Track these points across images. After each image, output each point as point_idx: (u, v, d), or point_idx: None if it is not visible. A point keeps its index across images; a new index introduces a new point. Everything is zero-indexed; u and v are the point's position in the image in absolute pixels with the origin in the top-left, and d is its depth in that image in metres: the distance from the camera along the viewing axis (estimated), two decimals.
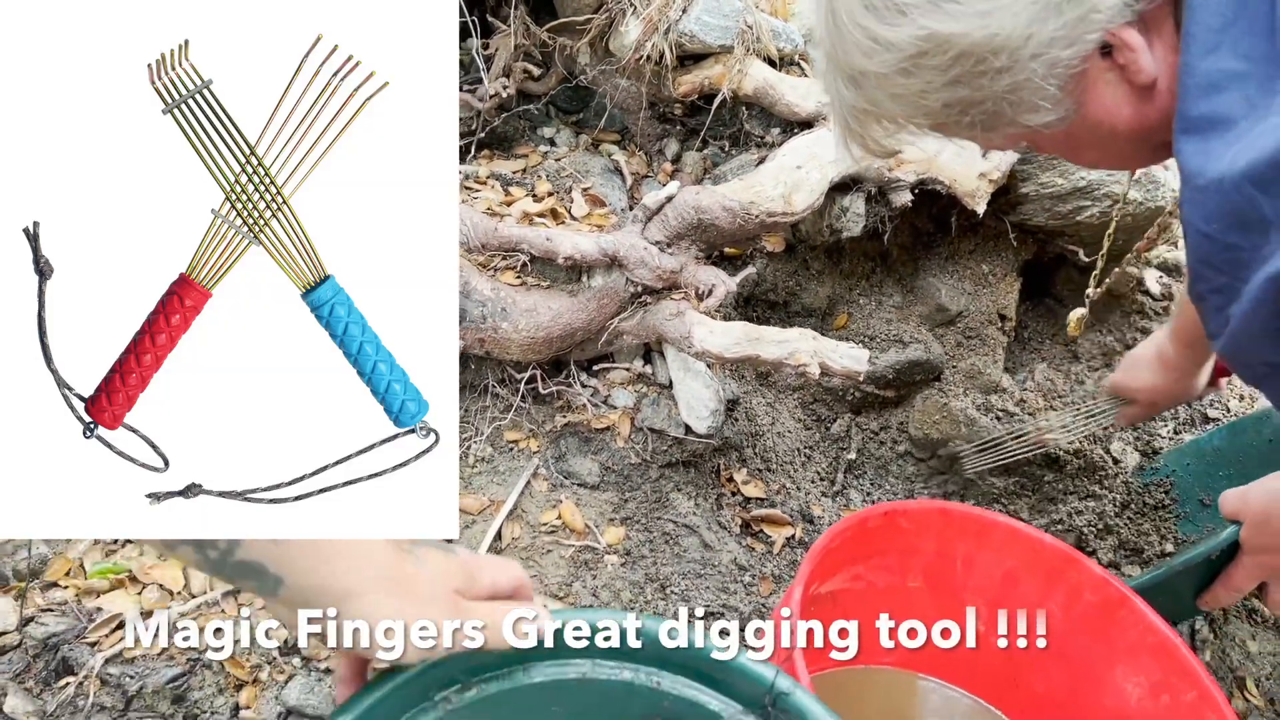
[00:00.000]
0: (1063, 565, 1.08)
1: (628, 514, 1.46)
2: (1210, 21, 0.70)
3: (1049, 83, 0.76)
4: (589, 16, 1.57)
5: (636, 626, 0.84)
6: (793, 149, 1.50)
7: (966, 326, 1.81)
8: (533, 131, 1.71)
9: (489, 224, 1.41)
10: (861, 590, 1.14)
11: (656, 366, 1.53)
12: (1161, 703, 1.02)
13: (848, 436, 1.79)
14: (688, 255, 1.43)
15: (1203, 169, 0.71)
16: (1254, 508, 1.02)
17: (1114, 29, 0.74)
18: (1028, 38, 0.74)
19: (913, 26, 0.76)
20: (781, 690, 0.83)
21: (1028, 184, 1.63)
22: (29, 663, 1.15)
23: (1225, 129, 0.70)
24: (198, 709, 1.18)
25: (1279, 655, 1.59)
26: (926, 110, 0.82)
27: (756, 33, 1.57)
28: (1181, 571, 1.08)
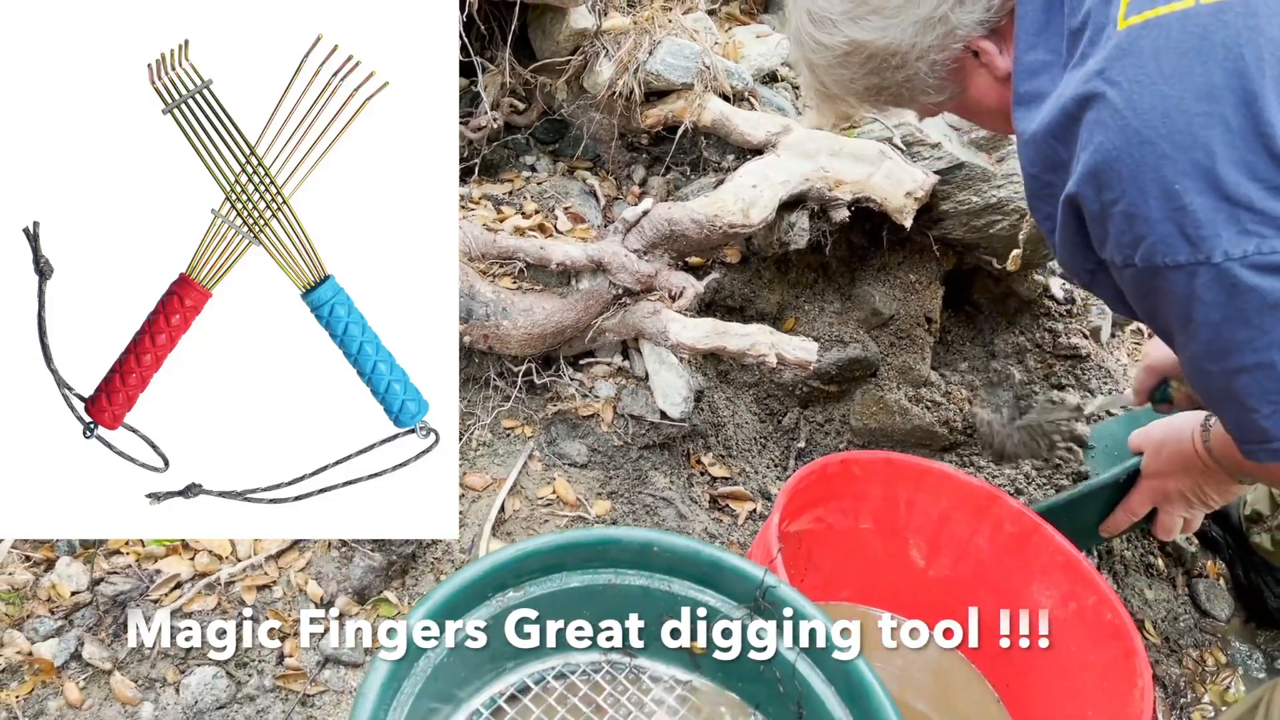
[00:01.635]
0: (987, 502, 1.30)
1: (613, 489, 1.66)
2: (1029, 28, 0.97)
3: (931, 76, 1.05)
4: (567, 58, 1.79)
5: (654, 539, 1.04)
6: (748, 171, 1.74)
7: (898, 329, 2.06)
8: (516, 159, 1.92)
9: (488, 236, 1.61)
10: (822, 531, 1.35)
11: (634, 361, 1.74)
12: (1069, 609, 1.25)
13: (797, 428, 2.01)
14: (661, 262, 1.65)
15: (1025, 129, 0.97)
16: (1154, 438, 1.27)
17: (972, 40, 1.02)
18: (913, 45, 1.03)
19: (840, 35, 1.05)
20: (770, 585, 1.03)
21: (947, 202, 1.88)
22: (100, 617, 1.30)
23: (1040, 100, 0.95)
24: (246, 657, 1.33)
25: (1171, 602, 1.84)
26: (855, 92, 1.11)
27: (713, 72, 1.80)
28: (1087, 495, 1.32)
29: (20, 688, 1.22)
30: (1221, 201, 0.84)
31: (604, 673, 1.09)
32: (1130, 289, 0.96)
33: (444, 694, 1.00)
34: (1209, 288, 0.86)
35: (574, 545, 1.04)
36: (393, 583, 1.45)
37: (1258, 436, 0.93)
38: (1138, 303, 0.98)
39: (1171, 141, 0.84)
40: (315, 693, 1.32)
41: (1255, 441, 0.94)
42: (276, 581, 1.38)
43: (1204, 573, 1.89)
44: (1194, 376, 0.98)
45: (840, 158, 1.81)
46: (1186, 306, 0.89)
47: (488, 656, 1.03)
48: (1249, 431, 0.94)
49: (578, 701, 1.06)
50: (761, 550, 1.17)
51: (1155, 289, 0.91)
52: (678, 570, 1.06)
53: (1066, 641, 1.24)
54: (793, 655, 1.02)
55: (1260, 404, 0.90)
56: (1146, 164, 0.85)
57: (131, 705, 1.25)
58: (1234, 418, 0.96)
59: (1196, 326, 0.90)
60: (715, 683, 1.09)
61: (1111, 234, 0.91)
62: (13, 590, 1.27)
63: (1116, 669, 1.15)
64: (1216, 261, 0.85)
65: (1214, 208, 0.84)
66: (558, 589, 1.04)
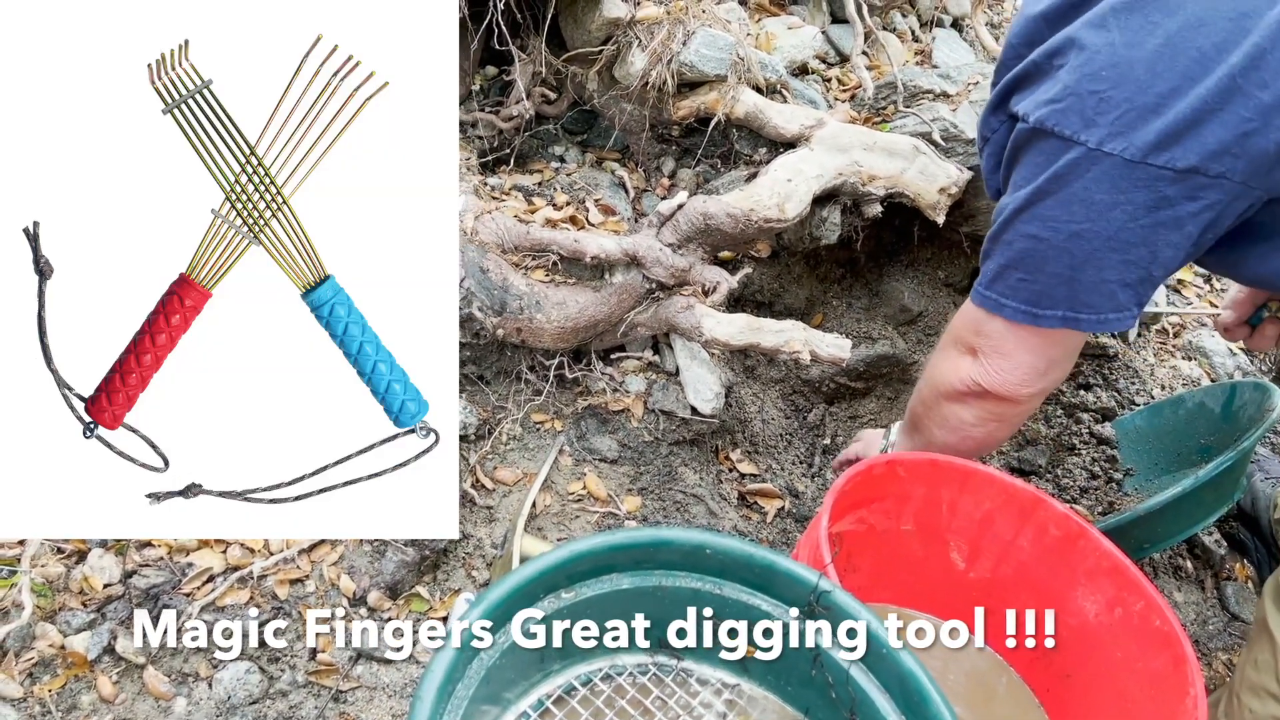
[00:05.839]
0: (1032, 505, 1.29)
1: (643, 485, 1.64)
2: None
3: None
4: (599, 48, 1.76)
5: (707, 542, 1.02)
6: (782, 165, 1.72)
7: (926, 325, 2.04)
8: (545, 149, 1.89)
9: (520, 228, 1.59)
10: (863, 533, 1.34)
11: (664, 356, 1.72)
12: (1115, 615, 1.24)
13: (823, 424, 2.00)
14: (695, 256, 1.63)
15: (1030, 9, 1.18)
16: None
17: None
18: None
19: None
20: (824, 590, 1.01)
21: (980, 198, 1.86)
22: (132, 610, 1.28)
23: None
24: (279, 652, 1.32)
25: (1200, 605, 1.83)
26: None
27: (747, 64, 1.78)
28: (1140, 517, 1.32)
29: (53, 681, 1.21)
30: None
31: (651, 675, 1.07)
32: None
33: (493, 696, 0.98)
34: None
35: (626, 546, 1.02)
36: (424, 578, 1.43)
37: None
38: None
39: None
40: (348, 688, 1.30)
41: None
42: (309, 576, 1.37)
43: (1233, 575, 1.88)
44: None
45: (874, 152, 1.78)
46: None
47: (537, 658, 1.01)
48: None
49: (625, 704, 1.05)
50: (808, 552, 1.15)
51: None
52: (730, 573, 1.04)
53: (1112, 648, 1.23)
54: (847, 661, 1.00)
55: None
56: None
57: (164, 700, 1.23)
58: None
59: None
60: (764, 687, 1.08)
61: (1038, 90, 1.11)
62: (45, 583, 1.25)
63: (1166, 678, 1.14)
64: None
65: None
66: (609, 590, 1.02)
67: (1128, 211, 1.08)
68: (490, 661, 0.94)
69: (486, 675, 0.94)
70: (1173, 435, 1.86)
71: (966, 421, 1.33)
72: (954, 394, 1.31)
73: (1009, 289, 1.20)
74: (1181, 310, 2.22)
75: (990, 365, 1.26)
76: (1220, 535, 1.92)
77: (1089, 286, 1.14)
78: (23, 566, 1.23)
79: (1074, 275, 1.14)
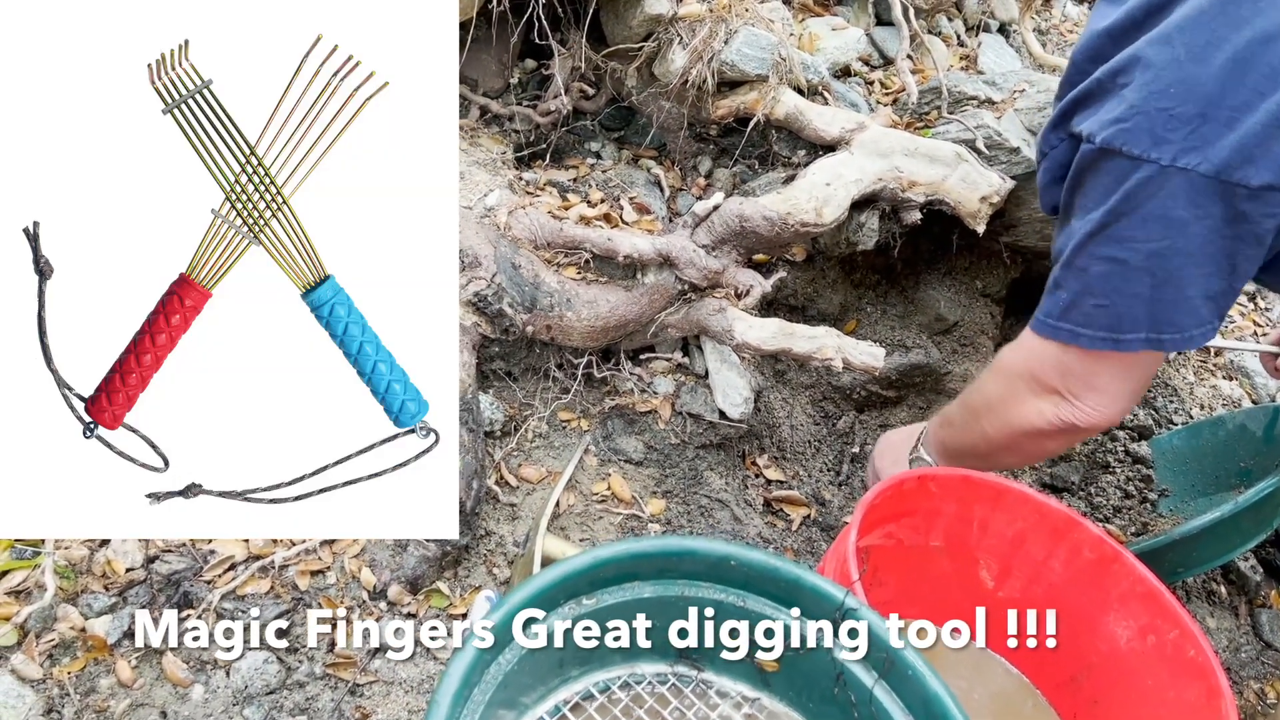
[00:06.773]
0: (1066, 527, 1.26)
1: (668, 488, 1.63)
2: None
3: None
4: (639, 44, 1.74)
5: (733, 553, 1.00)
6: (821, 168, 1.69)
7: (961, 335, 2.01)
8: (581, 145, 1.88)
9: (554, 225, 1.58)
10: (891, 548, 1.31)
11: (694, 358, 1.70)
12: (1148, 643, 1.21)
13: (852, 432, 1.97)
14: (729, 258, 1.61)
15: (1097, 25, 1.18)
16: None
17: None
18: None
19: None
20: (850, 607, 0.99)
21: (1022, 208, 1.83)
22: (153, 595, 1.28)
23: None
24: (299, 642, 1.31)
25: (1233, 632, 1.79)
26: None
27: (789, 65, 1.75)
28: (1176, 541, 1.29)
29: (73, 664, 1.21)
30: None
31: (670, 685, 1.06)
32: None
33: (510, 701, 0.97)
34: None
35: (649, 554, 1.00)
36: (445, 573, 1.43)
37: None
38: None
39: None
40: (365, 682, 1.30)
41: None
42: (330, 567, 1.36)
43: (1268, 603, 1.83)
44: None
45: (915, 158, 1.75)
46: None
47: (555, 664, 1.00)
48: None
49: (643, 714, 1.03)
50: (835, 566, 1.13)
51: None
52: (754, 586, 1.03)
53: (1143, 676, 1.20)
54: (870, 680, 0.98)
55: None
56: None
57: (182, 687, 1.23)
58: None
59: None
60: (785, 703, 1.06)
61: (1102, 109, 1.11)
62: (68, 565, 1.25)
63: (1198, 711, 1.11)
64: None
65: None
66: (630, 598, 1.01)
67: (1209, 225, 1.06)
68: (508, 666, 0.93)
69: (504, 680, 0.93)
70: (1212, 457, 1.82)
71: (1051, 451, 1.36)
72: (1039, 434, 1.30)
73: (1084, 317, 1.18)
74: (1230, 345, 2.15)
75: (1084, 404, 1.24)
76: (1256, 561, 1.88)
77: (1171, 304, 1.12)
78: (46, 548, 1.24)
79: (1155, 294, 1.12)
